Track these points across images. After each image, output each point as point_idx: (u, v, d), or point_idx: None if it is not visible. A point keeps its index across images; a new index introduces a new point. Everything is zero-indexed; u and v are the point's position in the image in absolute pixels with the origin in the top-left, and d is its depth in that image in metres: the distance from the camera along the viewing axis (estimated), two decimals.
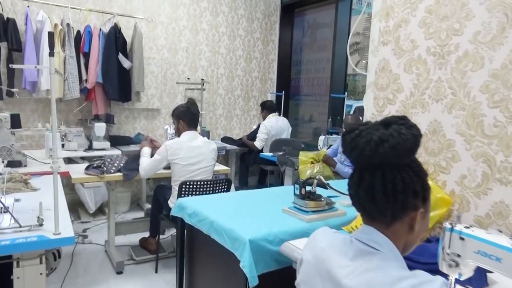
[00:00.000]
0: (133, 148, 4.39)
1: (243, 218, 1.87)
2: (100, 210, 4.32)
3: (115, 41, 4.12)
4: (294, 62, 5.96)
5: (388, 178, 0.87)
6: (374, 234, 0.89)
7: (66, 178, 3.00)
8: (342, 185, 2.28)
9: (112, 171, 2.95)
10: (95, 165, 3.01)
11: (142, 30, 4.58)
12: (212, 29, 5.24)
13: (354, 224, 1.75)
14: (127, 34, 4.42)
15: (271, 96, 5.90)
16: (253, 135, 4.98)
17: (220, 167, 3.35)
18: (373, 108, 1.87)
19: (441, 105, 1.59)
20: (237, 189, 5.04)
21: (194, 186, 2.70)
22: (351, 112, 4.82)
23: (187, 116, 2.89)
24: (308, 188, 1.98)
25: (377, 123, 0.91)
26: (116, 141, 4.50)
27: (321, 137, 4.34)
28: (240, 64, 5.57)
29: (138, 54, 4.27)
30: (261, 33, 5.71)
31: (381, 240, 0.88)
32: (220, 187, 2.82)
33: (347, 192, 1.00)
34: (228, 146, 4.94)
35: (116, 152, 4.18)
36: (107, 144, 4.18)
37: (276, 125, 4.84)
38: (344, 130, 3.77)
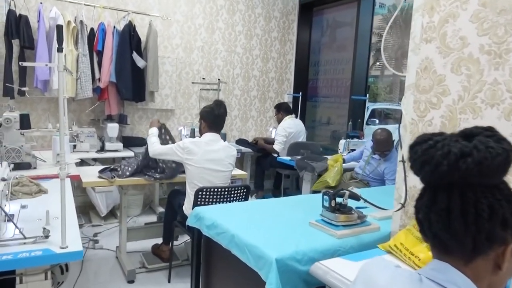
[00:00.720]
0: None
1: (267, 233, 1.70)
2: (112, 213, 4.20)
3: (129, 40, 4.00)
4: (312, 62, 5.77)
5: (470, 201, 0.69)
6: (450, 272, 0.71)
7: (77, 181, 2.87)
8: (372, 195, 2.10)
9: (127, 173, 2.80)
10: (111, 168, 2.88)
11: (157, 28, 4.44)
12: (229, 27, 5.08)
13: (392, 242, 1.56)
14: (142, 33, 4.29)
15: (287, 98, 5.73)
16: (271, 140, 4.84)
17: (237, 172, 3.18)
18: (413, 112, 1.68)
19: (497, 110, 1.39)
20: (252, 193, 4.90)
21: (211, 193, 2.54)
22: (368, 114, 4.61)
23: (209, 117, 2.73)
24: (338, 199, 1.80)
25: (455, 134, 0.73)
26: (129, 142, 4.38)
27: (342, 141, 4.15)
28: (257, 64, 5.41)
29: (153, 53, 4.13)
30: (279, 32, 5.54)
31: (460, 280, 0.70)
32: (238, 194, 2.66)
33: (380, 205, 0.82)
34: (244, 149, 4.77)
35: (129, 153, 4.06)
36: (119, 145, 4.06)
37: (294, 128, 4.67)
38: (374, 145, 3.56)
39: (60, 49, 1.45)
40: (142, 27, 4.34)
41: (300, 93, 5.48)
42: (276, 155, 4.60)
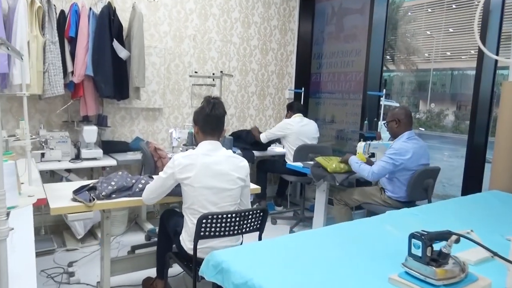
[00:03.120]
0: (130, 156, 3.58)
1: None
2: (91, 233, 3.51)
3: (109, 25, 3.31)
4: (315, 54, 5.18)
5: None
6: None
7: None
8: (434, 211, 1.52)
9: (105, 192, 2.15)
10: (90, 186, 2.22)
11: (142, 12, 3.77)
12: (224, 14, 4.44)
13: None
14: (124, 17, 3.61)
15: (289, 94, 5.14)
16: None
17: None
18: None
19: None
20: (253, 202, 4.29)
21: (218, 221, 1.91)
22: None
23: (200, 119, 2.10)
24: (436, 244, 1.22)
25: None
26: (110, 147, 3.69)
27: (361, 144, 3.57)
28: (255, 56, 4.78)
29: (138, 41, 3.46)
30: (279, 20, 4.92)
31: None
32: (253, 221, 2.03)
33: None
34: (244, 153, 4.15)
35: (110, 161, 3.39)
36: (98, 152, 3.37)
37: (298, 126, 4.08)
38: (405, 123, 3.04)
39: None
40: (123, 11, 3.66)
41: (303, 88, 4.91)
42: (287, 161, 4.03)
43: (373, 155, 3.83)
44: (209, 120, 2.08)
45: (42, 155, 3.16)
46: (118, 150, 3.72)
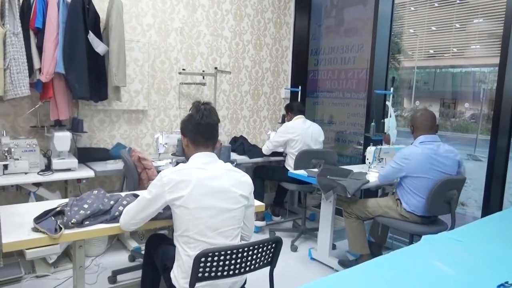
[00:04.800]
0: (111, 165, 3.13)
1: None
2: (66, 254, 3.04)
3: (83, 14, 2.85)
4: (312, 50, 4.80)
5: None
6: None
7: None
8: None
9: (75, 219, 1.71)
10: (58, 210, 1.79)
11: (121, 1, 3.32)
12: (214, 5, 4.01)
13: None
14: (101, 7, 3.16)
15: (285, 93, 4.74)
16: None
17: None
18: None
19: None
20: None
21: (221, 258, 1.50)
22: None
23: (189, 129, 1.73)
24: None
25: None
26: (87, 156, 3.24)
27: (370, 149, 3.21)
28: (248, 51, 4.37)
29: (117, 34, 3.00)
30: (273, 12, 4.52)
31: None
32: (264, 256, 1.63)
33: None
34: (239, 158, 3.75)
35: (87, 173, 2.94)
36: (73, 162, 2.91)
37: (301, 129, 3.69)
38: (427, 127, 2.74)
39: None
40: (101, 0, 3.20)
41: (299, 87, 4.52)
42: (288, 167, 3.65)
43: (382, 160, 3.49)
44: (201, 129, 1.70)
45: (5, 166, 2.69)
46: (97, 158, 3.27)
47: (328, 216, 3.13)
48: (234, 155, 3.84)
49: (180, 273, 1.60)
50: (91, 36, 2.90)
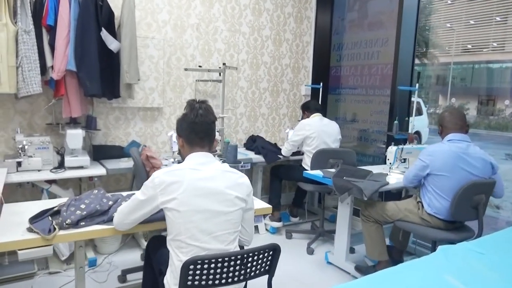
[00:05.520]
0: (123, 164, 3.12)
1: None
2: None
3: (96, 11, 2.84)
4: (334, 45, 4.62)
5: None
6: None
7: None
8: None
9: (70, 220, 1.67)
10: (55, 210, 1.76)
11: None
12: (231, 0, 3.92)
13: None
14: (116, 5, 3.13)
15: (305, 90, 4.60)
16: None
17: None
18: None
19: None
20: (264, 216, 3.78)
21: (212, 266, 1.40)
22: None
23: (185, 129, 1.65)
24: None
25: None
26: (101, 153, 3.24)
27: (392, 149, 3.03)
28: (267, 47, 4.26)
29: (129, 30, 2.97)
30: (294, 6, 4.38)
31: None
32: (261, 264, 1.52)
33: None
34: (254, 158, 3.65)
35: (100, 170, 2.93)
36: (85, 159, 2.91)
37: (318, 126, 3.55)
38: (459, 126, 2.56)
39: None
40: None
41: (321, 84, 4.36)
42: (304, 167, 3.52)
43: (405, 161, 3.29)
44: (196, 128, 1.62)
45: (19, 163, 2.71)
46: (111, 156, 3.27)
47: (345, 218, 2.98)
48: (251, 154, 3.75)
49: (172, 279, 1.52)
50: (104, 33, 2.89)
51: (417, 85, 3.50)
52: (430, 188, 2.55)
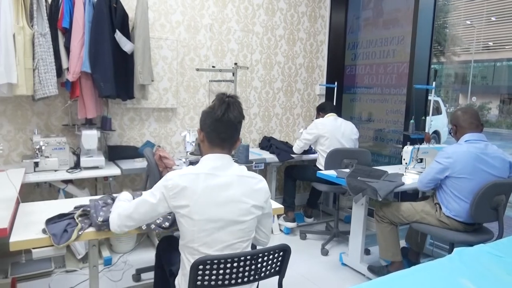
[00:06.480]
0: (138, 164, 3.15)
1: None
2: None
3: (110, 13, 2.87)
4: (349, 44, 4.57)
5: None
6: None
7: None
8: None
9: (99, 219, 1.68)
10: (70, 215, 1.76)
11: (150, 0, 3.33)
12: (244, 0, 3.92)
13: None
14: (130, 6, 3.17)
15: (320, 89, 4.56)
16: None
17: None
18: None
19: None
20: (279, 216, 3.77)
21: (221, 267, 1.39)
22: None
23: (208, 125, 1.54)
24: None
25: None
26: (116, 154, 3.28)
27: (408, 149, 2.97)
28: (281, 47, 4.24)
29: (142, 31, 3.00)
30: (308, 6, 4.35)
31: None
32: (271, 265, 1.50)
33: None
34: (268, 157, 3.63)
35: (114, 171, 2.96)
36: (100, 160, 2.95)
37: (331, 126, 3.51)
38: (474, 125, 2.50)
39: None
40: None
41: (336, 83, 4.31)
42: (318, 167, 3.49)
43: (421, 161, 3.22)
44: (220, 126, 1.51)
45: (36, 164, 2.77)
46: (126, 156, 3.31)
47: (359, 219, 2.94)
48: (264, 154, 3.73)
49: (183, 282, 1.51)
50: (118, 35, 2.92)
51: (434, 83, 3.43)
52: (449, 190, 2.48)
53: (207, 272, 1.37)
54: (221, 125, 1.51)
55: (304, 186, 4.56)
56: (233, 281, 1.42)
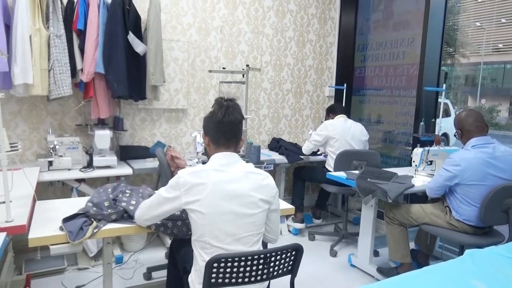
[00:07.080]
0: (149, 164, 3.19)
1: None
2: None
3: (123, 15, 2.92)
4: (359, 46, 4.58)
5: None
6: None
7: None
8: None
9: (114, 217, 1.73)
10: (89, 213, 1.79)
11: (163, 2, 3.37)
12: (255, 2, 3.95)
13: None
14: (142, 8, 3.22)
15: (329, 91, 4.57)
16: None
17: None
18: None
19: None
20: (287, 217, 3.79)
21: (235, 265, 1.42)
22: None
23: (211, 128, 1.63)
24: None
25: None
26: (127, 153, 3.33)
27: (418, 151, 2.97)
28: (291, 49, 4.26)
29: (155, 33, 3.04)
30: (317, 8, 4.37)
31: None
32: (283, 263, 1.53)
33: None
34: (277, 159, 3.65)
35: (126, 170, 3.01)
36: (112, 159, 3.00)
37: (341, 127, 3.52)
38: (479, 128, 2.50)
39: None
40: (142, 1, 3.27)
41: (345, 85, 4.32)
42: (328, 169, 3.50)
43: (431, 163, 3.22)
44: (222, 128, 1.59)
45: (50, 163, 2.82)
46: (137, 156, 3.35)
47: (369, 221, 2.95)
48: (274, 155, 3.76)
49: (196, 278, 1.55)
50: (131, 37, 2.97)
51: (444, 86, 3.42)
52: (459, 196, 2.48)
53: (221, 270, 1.40)
54: (224, 126, 1.60)
55: (312, 188, 4.57)
56: (246, 279, 1.45)
